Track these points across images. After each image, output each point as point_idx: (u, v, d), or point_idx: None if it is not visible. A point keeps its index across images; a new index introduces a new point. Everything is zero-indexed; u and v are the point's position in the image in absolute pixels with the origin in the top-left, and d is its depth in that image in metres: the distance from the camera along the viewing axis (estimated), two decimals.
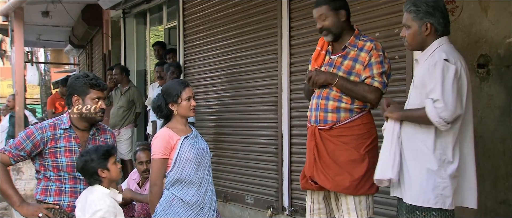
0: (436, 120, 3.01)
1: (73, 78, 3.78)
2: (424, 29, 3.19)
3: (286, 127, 6.03)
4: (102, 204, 3.44)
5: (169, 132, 3.84)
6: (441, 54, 3.07)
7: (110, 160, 3.54)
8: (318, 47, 3.91)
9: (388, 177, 3.21)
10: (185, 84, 3.94)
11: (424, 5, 3.18)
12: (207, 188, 3.88)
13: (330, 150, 3.69)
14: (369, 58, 3.67)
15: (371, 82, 3.66)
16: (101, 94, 3.73)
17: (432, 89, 3.03)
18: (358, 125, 3.68)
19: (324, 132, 3.71)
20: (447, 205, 3.10)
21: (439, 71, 3.03)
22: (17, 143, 3.63)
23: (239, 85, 6.90)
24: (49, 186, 3.69)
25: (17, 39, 10.32)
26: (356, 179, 3.61)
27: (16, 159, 3.64)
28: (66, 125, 3.70)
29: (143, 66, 10.79)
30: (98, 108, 3.69)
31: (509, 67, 3.88)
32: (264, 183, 6.40)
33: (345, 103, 3.69)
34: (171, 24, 9.13)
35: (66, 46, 17.43)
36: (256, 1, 6.53)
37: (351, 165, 3.64)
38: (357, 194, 3.65)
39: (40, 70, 21.23)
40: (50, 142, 3.65)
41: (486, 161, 3.97)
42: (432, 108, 3.01)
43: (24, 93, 10.86)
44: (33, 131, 3.66)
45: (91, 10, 11.84)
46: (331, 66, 3.77)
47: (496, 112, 3.91)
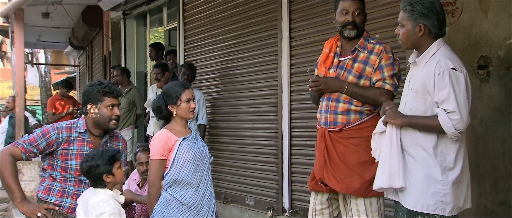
0: (452, 131, 3.00)
1: (87, 86, 3.82)
2: (418, 30, 3.17)
3: (286, 128, 6.03)
4: (107, 206, 3.45)
5: (167, 133, 3.84)
6: (447, 62, 3.04)
7: (115, 165, 3.54)
8: (326, 49, 3.90)
9: (399, 185, 3.16)
10: (185, 86, 3.94)
11: (419, 6, 3.16)
12: (205, 189, 3.88)
13: (340, 152, 3.70)
14: (379, 60, 3.69)
15: (383, 85, 3.68)
16: (115, 101, 3.76)
17: (445, 99, 3.01)
18: (367, 127, 3.66)
19: (334, 134, 3.72)
20: (447, 211, 3.08)
21: (448, 81, 3.01)
22: (32, 140, 3.66)
23: (239, 86, 6.90)
24: (53, 185, 3.72)
25: (17, 40, 10.34)
26: (367, 181, 3.61)
27: (27, 154, 3.67)
28: (81, 129, 3.74)
29: (143, 67, 10.80)
30: (113, 115, 3.73)
31: (509, 68, 3.87)
32: (264, 184, 6.40)
33: (355, 105, 3.70)
34: (171, 25, 9.13)
35: (66, 47, 17.44)
36: (256, 2, 6.53)
37: (362, 167, 3.64)
38: (367, 196, 3.65)
39: (41, 71, 21.23)
40: (64, 143, 3.69)
41: (486, 162, 3.97)
42: (447, 120, 3.00)
43: (24, 94, 10.86)
44: (49, 130, 3.69)
45: (91, 11, 11.85)
46: (342, 69, 3.77)
47: (496, 113, 3.91)
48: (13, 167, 3.64)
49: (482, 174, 3.97)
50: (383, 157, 3.24)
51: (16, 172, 3.68)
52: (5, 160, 3.61)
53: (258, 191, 6.51)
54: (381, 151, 3.28)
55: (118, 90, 3.84)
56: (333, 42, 3.89)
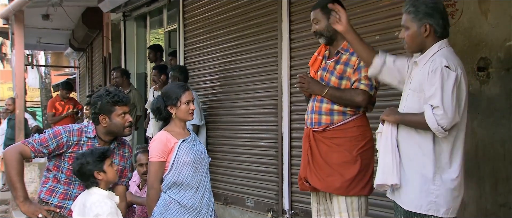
0: (435, 127, 2.99)
1: (95, 98, 3.83)
2: (423, 31, 3.16)
3: (286, 130, 6.03)
4: (103, 206, 3.45)
5: (167, 135, 3.84)
6: (442, 60, 3.04)
7: (106, 162, 3.55)
8: (316, 53, 4.00)
9: (392, 182, 3.18)
10: (185, 87, 3.95)
11: (423, 6, 3.16)
12: (204, 191, 3.88)
13: (323, 151, 3.78)
14: (359, 62, 3.72)
15: (358, 85, 3.74)
16: (126, 108, 3.80)
17: (432, 95, 3.01)
18: (351, 128, 3.75)
19: (317, 134, 3.80)
20: (441, 212, 3.07)
21: (438, 77, 3.00)
22: (43, 140, 3.67)
23: (239, 87, 6.90)
24: (56, 187, 3.74)
25: (17, 42, 10.32)
26: (347, 180, 3.68)
27: (37, 154, 3.68)
28: (91, 134, 3.77)
29: (143, 69, 10.79)
30: (126, 122, 3.77)
31: (509, 70, 3.87)
32: (264, 186, 6.40)
33: (338, 106, 3.76)
34: (171, 27, 9.13)
35: (66, 49, 17.43)
36: (256, 4, 6.53)
37: (343, 166, 3.71)
38: (348, 194, 3.71)
39: (41, 73, 21.23)
40: (74, 146, 3.72)
41: (486, 164, 3.97)
42: (431, 115, 2.99)
43: (24, 96, 10.86)
44: (61, 131, 3.71)
45: (92, 13, 11.86)
46: (324, 71, 3.87)
47: (496, 115, 3.91)
48: (19, 164, 3.66)
49: (482, 176, 3.97)
50: (381, 155, 3.26)
51: (22, 170, 3.70)
52: (13, 158, 3.63)
53: (258, 193, 6.51)
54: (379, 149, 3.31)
55: (127, 96, 3.88)
56: (323, 45, 3.98)
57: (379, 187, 3.31)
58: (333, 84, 3.78)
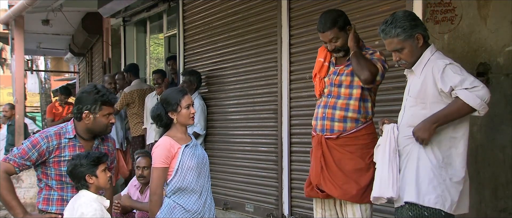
0: (477, 102, 3.10)
1: (83, 92, 3.69)
2: (417, 42, 3.30)
3: (286, 135, 6.03)
4: (88, 208, 3.44)
5: (170, 140, 3.83)
6: (443, 61, 3.21)
7: (100, 167, 3.53)
8: (320, 59, 4.00)
9: (388, 195, 3.29)
10: (183, 92, 3.94)
11: (403, 22, 3.30)
12: (207, 196, 3.90)
13: (336, 159, 3.80)
14: (371, 56, 3.83)
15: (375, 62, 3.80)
16: (112, 109, 3.71)
17: (460, 81, 3.12)
18: (363, 135, 3.80)
19: (330, 141, 3.82)
20: (446, 207, 3.17)
21: (452, 72, 3.15)
22: (22, 152, 3.56)
23: (239, 93, 6.90)
24: (51, 195, 3.68)
25: (17, 47, 10.33)
26: (362, 188, 3.71)
27: (21, 168, 3.60)
28: (71, 134, 3.67)
29: (143, 74, 10.80)
30: (109, 122, 3.69)
31: (508, 75, 3.88)
32: (264, 191, 6.40)
33: (352, 113, 3.79)
34: (171, 32, 9.14)
35: (66, 54, 17.44)
36: (256, 9, 6.54)
37: (357, 173, 3.74)
38: (363, 202, 3.74)
39: (40, 78, 21.23)
40: (55, 151, 3.62)
41: (486, 169, 3.97)
42: (468, 94, 3.10)
43: (24, 101, 10.85)
44: (38, 140, 3.60)
45: (91, 18, 11.87)
46: (335, 75, 3.90)
47: (495, 120, 3.91)
48: (8, 183, 3.58)
49: (482, 181, 3.97)
50: (378, 168, 3.35)
51: (12, 187, 3.62)
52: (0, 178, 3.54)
53: (258, 198, 6.51)
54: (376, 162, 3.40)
55: (115, 97, 3.80)
56: (327, 51, 3.98)
57: (375, 200, 3.40)
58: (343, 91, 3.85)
